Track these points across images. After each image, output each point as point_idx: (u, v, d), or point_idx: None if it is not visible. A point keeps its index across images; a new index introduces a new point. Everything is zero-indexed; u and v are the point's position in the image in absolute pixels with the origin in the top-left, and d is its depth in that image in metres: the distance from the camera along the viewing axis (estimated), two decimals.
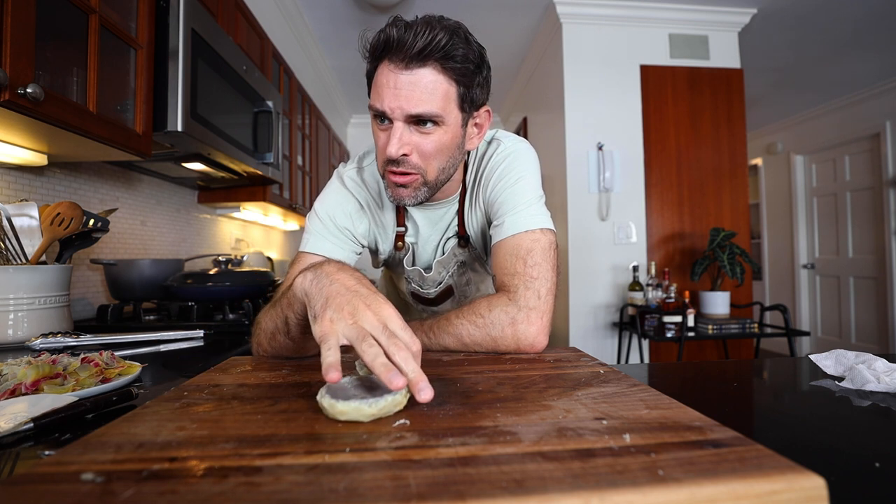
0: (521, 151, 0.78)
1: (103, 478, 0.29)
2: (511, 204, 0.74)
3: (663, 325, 2.33)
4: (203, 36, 1.24)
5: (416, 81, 0.62)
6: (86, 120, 0.93)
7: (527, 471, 0.29)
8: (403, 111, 0.64)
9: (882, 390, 0.56)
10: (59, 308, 1.01)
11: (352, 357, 0.57)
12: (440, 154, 0.69)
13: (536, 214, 0.73)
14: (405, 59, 0.62)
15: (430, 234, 0.86)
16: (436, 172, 0.70)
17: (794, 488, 0.27)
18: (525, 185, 0.75)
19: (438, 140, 0.67)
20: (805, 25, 2.81)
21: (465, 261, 0.88)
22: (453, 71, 0.64)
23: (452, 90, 0.65)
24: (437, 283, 0.89)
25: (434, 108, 0.64)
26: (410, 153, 0.67)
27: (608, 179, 2.61)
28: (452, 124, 0.67)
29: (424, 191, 0.71)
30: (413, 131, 0.66)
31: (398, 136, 0.65)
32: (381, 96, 0.64)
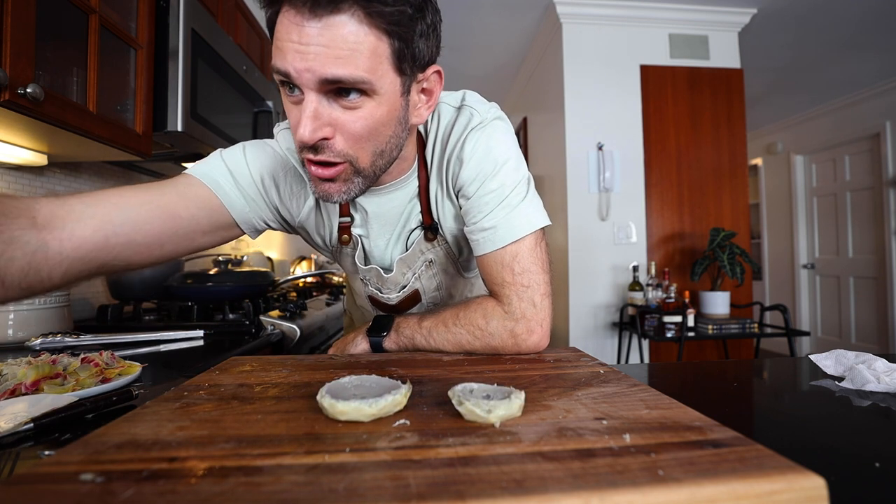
0: (497, 131, 0.63)
1: (103, 478, 0.29)
2: (489, 209, 0.62)
3: (663, 325, 2.33)
4: (203, 36, 1.24)
5: (329, 34, 0.45)
6: (86, 120, 0.93)
7: (527, 471, 0.29)
8: (315, 74, 0.47)
9: (882, 390, 0.56)
10: (59, 308, 1.01)
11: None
12: (374, 135, 0.52)
13: (520, 216, 0.62)
14: (313, 2, 0.44)
15: (383, 225, 0.71)
16: (370, 158, 0.54)
17: (794, 488, 0.27)
18: (504, 180, 0.62)
19: (369, 115, 0.50)
20: (805, 25, 2.81)
21: (434, 259, 0.73)
22: (382, 17, 0.46)
23: (383, 45, 0.48)
24: (401, 286, 0.74)
25: (358, 72, 0.47)
26: (332, 136, 0.51)
27: (608, 179, 2.61)
28: (388, 92, 0.51)
29: (359, 182, 0.56)
30: (333, 105, 0.50)
31: (311, 111, 0.48)
32: (283, 53, 0.47)
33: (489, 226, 0.62)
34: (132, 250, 0.55)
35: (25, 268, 0.46)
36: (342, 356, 0.65)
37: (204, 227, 0.61)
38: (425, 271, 0.74)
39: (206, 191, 0.61)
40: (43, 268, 0.47)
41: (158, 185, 0.58)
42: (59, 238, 0.49)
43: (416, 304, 0.78)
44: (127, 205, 0.54)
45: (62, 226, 0.49)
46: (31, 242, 0.46)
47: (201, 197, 0.60)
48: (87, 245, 0.51)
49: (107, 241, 0.52)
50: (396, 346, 0.68)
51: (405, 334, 0.68)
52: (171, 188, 0.59)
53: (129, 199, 0.55)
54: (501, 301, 0.63)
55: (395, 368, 0.57)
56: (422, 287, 0.76)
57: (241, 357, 0.64)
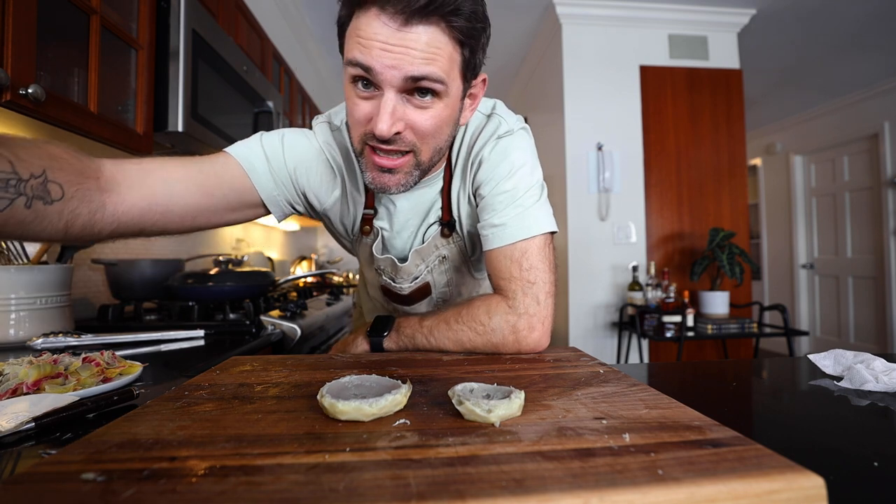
0: (518, 139, 0.67)
1: (104, 477, 0.29)
2: (509, 202, 0.65)
3: (663, 325, 2.33)
4: (203, 36, 1.25)
5: (417, 39, 0.50)
6: (87, 120, 0.93)
7: (526, 470, 0.29)
8: (402, 73, 0.51)
9: (880, 390, 0.56)
10: (61, 308, 1.01)
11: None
12: (438, 132, 0.57)
13: (530, 217, 0.65)
14: (405, 12, 0.49)
15: (407, 220, 0.73)
16: (430, 153, 0.59)
17: (793, 487, 0.27)
18: (518, 182, 0.65)
19: (438, 115, 0.55)
20: (804, 26, 2.81)
21: (447, 256, 0.76)
22: (460, 31, 0.52)
23: (457, 54, 0.54)
24: (413, 276, 0.77)
25: (441, 71, 0.52)
26: (404, 130, 0.55)
27: (608, 179, 2.61)
28: (453, 96, 0.56)
29: (416, 175, 0.60)
30: (407, 104, 0.54)
31: (390, 109, 0.52)
32: (368, 50, 0.50)
33: (499, 222, 0.65)
34: (168, 220, 0.60)
35: (86, 223, 0.51)
36: (343, 356, 0.65)
37: (233, 205, 0.66)
38: (438, 266, 0.77)
39: (240, 171, 0.65)
40: (97, 224, 0.53)
41: (199, 163, 0.63)
42: (114, 202, 0.55)
43: (426, 296, 0.81)
44: (170, 179, 0.60)
45: (118, 190, 0.55)
46: (94, 201, 0.52)
47: (235, 177, 0.65)
48: (134, 211, 0.57)
49: (150, 209, 0.58)
50: (396, 346, 0.70)
51: (406, 333, 0.69)
52: (210, 167, 0.64)
53: (172, 174, 0.60)
54: (506, 296, 0.65)
55: (395, 368, 0.57)
56: (433, 281, 0.79)
57: (241, 357, 0.64)
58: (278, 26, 2.39)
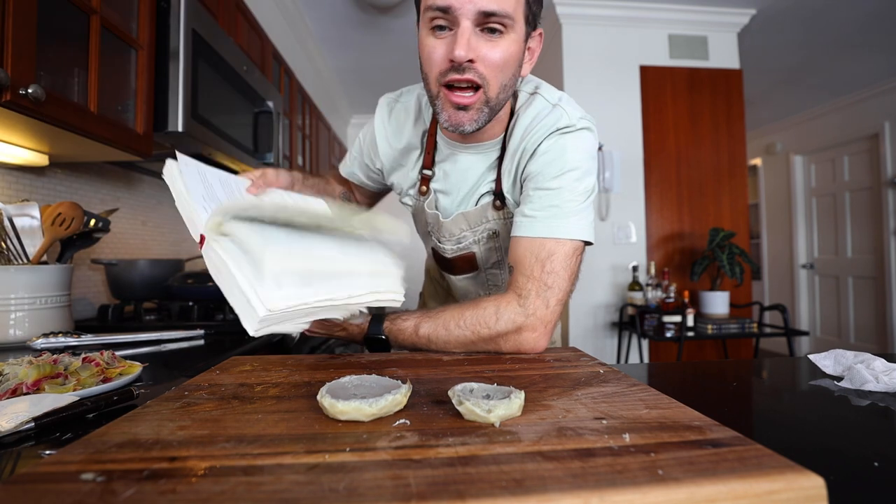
0: (578, 139, 0.68)
1: (104, 477, 0.29)
2: (548, 201, 0.66)
3: (663, 325, 2.33)
4: (203, 36, 1.24)
5: None
6: (87, 120, 0.93)
7: (526, 470, 0.29)
8: (476, 7, 0.58)
9: (881, 390, 0.56)
10: (60, 308, 1.01)
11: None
12: (506, 67, 0.63)
13: (565, 220, 0.66)
14: None
15: (460, 183, 0.77)
16: (497, 90, 0.64)
17: (793, 488, 0.27)
18: (563, 183, 0.66)
19: (506, 49, 0.62)
20: (804, 26, 2.81)
21: (499, 232, 0.78)
22: None
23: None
24: (456, 238, 0.80)
25: (508, 8, 0.59)
26: (476, 60, 0.61)
27: (608, 179, 2.61)
28: (518, 35, 0.63)
29: (486, 112, 0.65)
30: (479, 38, 0.60)
31: (467, 37, 0.59)
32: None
33: (531, 214, 0.67)
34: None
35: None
36: (344, 357, 0.65)
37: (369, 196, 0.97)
38: (487, 241, 0.79)
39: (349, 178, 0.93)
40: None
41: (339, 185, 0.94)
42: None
43: (473, 269, 0.84)
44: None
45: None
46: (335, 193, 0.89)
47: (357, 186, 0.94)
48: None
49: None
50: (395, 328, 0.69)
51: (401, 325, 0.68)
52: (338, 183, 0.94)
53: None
54: (520, 294, 0.66)
55: (395, 368, 0.57)
56: (480, 254, 0.81)
57: (241, 357, 0.64)
58: (278, 26, 2.39)
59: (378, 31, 2.88)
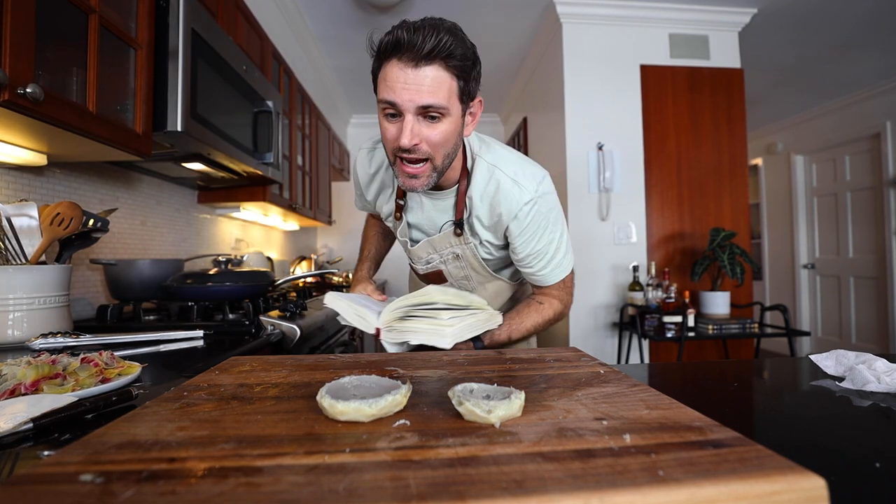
0: (545, 202, 0.87)
1: (103, 478, 0.29)
2: (549, 259, 0.91)
3: (663, 325, 2.33)
4: (203, 36, 1.24)
5: (424, 77, 0.70)
6: (85, 120, 0.93)
7: (527, 471, 0.29)
8: (414, 103, 0.71)
9: (882, 390, 0.56)
10: (59, 308, 1.01)
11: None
12: (446, 142, 0.77)
13: (560, 266, 0.93)
14: (415, 58, 0.69)
15: (426, 216, 0.94)
16: (442, 159, 0.79)
17: (794, 488, 0.27)
18: (555, 238, 0.90)
19: (444, 130, 0.75)
20: (805, 25, 2.81)
21: (461, 255, 0.94)
22: (455, 68, 0.73)
23: (454, 85, 0.74)
24: (424, 261, 0.98)
25: (441, 101, 0.72)
26: (420, 143, 0.75)
27: (608, 179, 2.61)
28: (455, 115, 0.76)
29: (434, 177, 0.80)
30: (422, 123, 0.74)
31: (410, 127, 0.73)
32: (392, 89, 0.72)
33: (543, 272, 0.93)
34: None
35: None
36: (342, 356, 0.65)
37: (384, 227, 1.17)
38: (452, 261, 0.97)
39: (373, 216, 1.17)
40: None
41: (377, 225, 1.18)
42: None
43: (443, 281, 1.02)
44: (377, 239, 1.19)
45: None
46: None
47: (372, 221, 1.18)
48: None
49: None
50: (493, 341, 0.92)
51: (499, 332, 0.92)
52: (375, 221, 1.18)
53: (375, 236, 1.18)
54: (560, 300, 0.98)
55: (395, 368, 0.57)
56: (447, 271, 0.99)
57: (240, 357, 0.64)
58: (278, 26, 2.39)
59: (378, 30, 2.88)
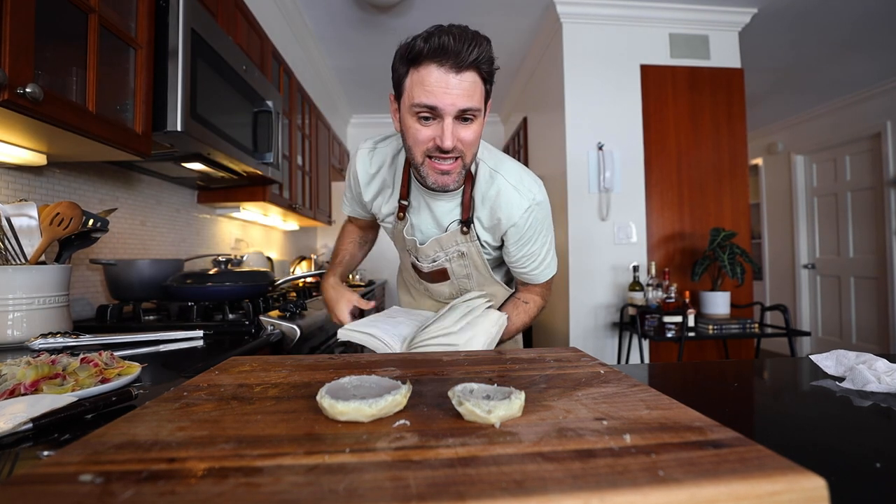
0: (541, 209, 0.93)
1: (102, 478, 0.28)
2: (540, 261, 0.97)
3: (663, 326, 2.33)
4: (203, 36, 1.24)
5: (464, 81, 0.75)
6: (85, 120, 0.93)
7: (527, 471, 0.29)
8: (456, 107, 0.76)
9: (883, 391, 0.56)
10: (59, 308, 1.01)
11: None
12: (476, 141, 0.83)
13: (547, 268, 1.00)
14: (459, 64, 0.74)
15: (433, 216, 0.97)
16: (471, 157, 0.84)
17: (794, 489, 0.27)
18: (547, 241, 0.97)
19: (476, 130, 0.81)
20: (806, 25, 2.81)
21: (466, 253, 0.98)
22: (486, 73, 0.79)
23: (483, 88, 0.80)
24: (431, 259, 1.00)
25: (478, 104, 0.78)
26: (457, 143, 0.80)
27: (608, 179, 2.61)
28: (482, 116, 0.82)
29: (462, 174, 0.86)
30: (458, 125, 0.79)
31: (451, 129, 0.77)
32: (432, 94, 0.75)
33: (535, 272, 0.99)
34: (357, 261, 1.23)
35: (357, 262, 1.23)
36: (339, 356, 0.65)
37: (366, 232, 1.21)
38: (457, 259, 1.00)
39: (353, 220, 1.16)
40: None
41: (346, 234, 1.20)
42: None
43: (446, 279, 1.05)
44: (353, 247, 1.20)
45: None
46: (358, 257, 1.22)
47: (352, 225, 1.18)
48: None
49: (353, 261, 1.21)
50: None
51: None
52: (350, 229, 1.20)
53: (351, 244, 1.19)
54: (542, 296, 1.05)
55: (395, 368, 0.57)
56: (451, 269, 1.02)
57: (240, 357, 0.64)
58: (278, 26, 2.39)
59: (378, 30, 2.88)
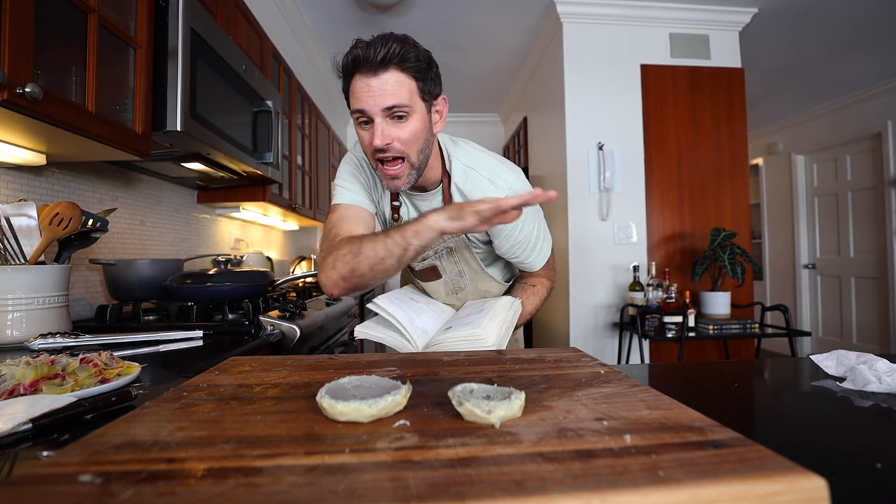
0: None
1: (102, 479, 0.28)
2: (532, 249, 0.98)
3: (664, 326, 2.33)
4: (202, 35, 1.24)
5: (384, 82, 0.78)
6: (85, 120, 0.93)
7: (527, 471, 0.29)
8: (379, 106, 0.78)
9: (883, 391, 0.56)
10: (58, 308, 1.01)
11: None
12: (416, 139, 0.83)
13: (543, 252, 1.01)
14: (372, 67, 0.77)
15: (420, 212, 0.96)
16: (416, 155, 0.84)
17: (795, 489, 0.27)
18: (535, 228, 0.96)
19: (413, 128, 0.82)
20: (806, 25, 2.81)
21: (454, 248, 0.99)
22: (410, 70, 0.80)
23: (414, 85, 0.81)
24: (421, 256, 1.02)
25: (403, 100, 0.79)
26: (392, 142, 0.81)
27: (608, 179, 2.61)
28: (420, 113, 0.82)
29: (413, 174, 0.86)
30: (391, 124, 0.80)
31: (380, 130, 0.79)
32: (359, 99, 0.79)
33: (531, 260, 1.00)
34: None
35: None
36: (340, 356, 0.65)
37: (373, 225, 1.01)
38: (446, 256, 1.01)
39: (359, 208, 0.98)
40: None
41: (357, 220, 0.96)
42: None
43: (437, 278, 1.06)
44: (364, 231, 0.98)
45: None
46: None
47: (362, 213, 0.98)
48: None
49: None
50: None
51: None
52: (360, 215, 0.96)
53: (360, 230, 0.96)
54: (548, 277, 1.08)
55: (395, 368, 0.57)
56: (441, 266, 1.03)
57: (240, 357, 0.64)
58: (278, 25, 2.39)
59: (378, 30, 2.83)
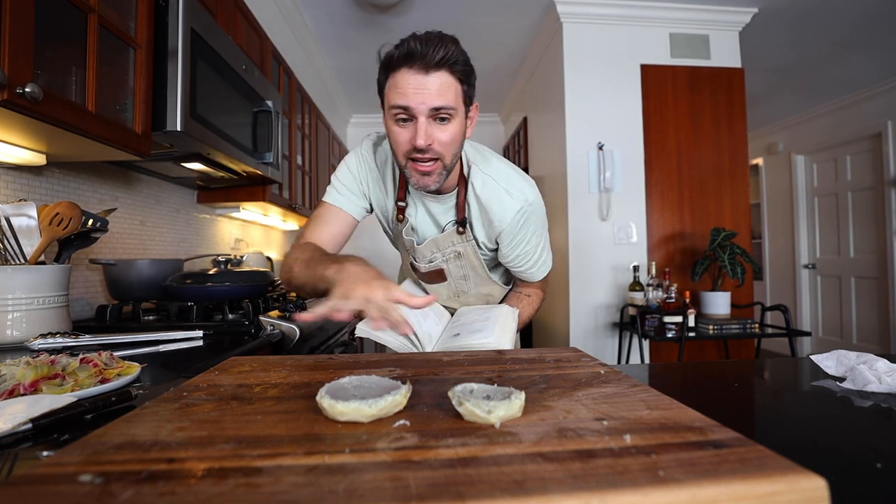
0: (534, 210, 0.94)
1: (102, 479, 0.28)
2: (535, 259, 1.00)
3: (664, 326, 2.33)
4: (202, 35, 1.24)
5: (436, 82, 0.77)
6: (85, 120, 0.93)
7: (527, 471, 0.29)
8: (427, 105, 0.77)
9: (883, 391, 0.56)
10: (58, 308, 1.01)
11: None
12: (454, 142, 0.83)
13: (544, 266, 1.03)
14: (426, 65, 0.76)
15: (430, 217, 0.99)
16: (450, 158, 0.84)
17: (795, 489, 0.27)
18: (541, 240, 0.99)
19: (453, 130, 0.82)
20: (806, 25, 2.81)
21: (462, 253, 0.99)
22: (459, 73, 0.80)
23: (459, 88, 0.81)
24: (428, 259, 1.02)
25: (451, 102, 0.79)
26: (433, 143, 0.80)
27: (608, 179, 2.61)
28: (461, 116, 0.83)
29: (444, 175, 0.86)
30: (433, 125, 0.80)
31: (424, 129, 0.79)
32: (405, 95, 0.77)
33: (531, 271, 1.02)
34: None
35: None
36: (341, 356, 0.65)
37: (347, 232, 1.02)
38: (453, 260, 1.01)
39: (341, 212, 0.99)
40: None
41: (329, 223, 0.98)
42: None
43: (442, 280, 1.06)
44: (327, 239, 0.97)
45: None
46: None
47: (341, 217, 0.99)
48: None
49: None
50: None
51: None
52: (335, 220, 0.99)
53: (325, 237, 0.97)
54: (542, 290, 1.11)
55: (395, 368, 0.57)
56: (448, 270, 1.03)
57: (240, 357, 0.64)
58: (278, 25, 2.39)
59: (378, 30, 2.88)
